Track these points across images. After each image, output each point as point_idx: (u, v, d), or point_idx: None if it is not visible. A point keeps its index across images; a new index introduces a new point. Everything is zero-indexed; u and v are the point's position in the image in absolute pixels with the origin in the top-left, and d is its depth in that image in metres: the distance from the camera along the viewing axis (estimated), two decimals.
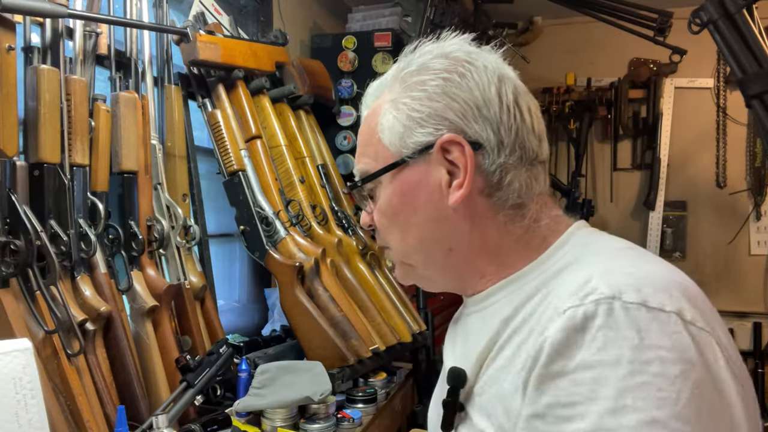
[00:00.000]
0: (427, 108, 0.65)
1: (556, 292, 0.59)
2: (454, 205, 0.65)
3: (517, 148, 0.65)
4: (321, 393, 1.28)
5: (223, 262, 2.02)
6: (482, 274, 0.69)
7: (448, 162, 0.65)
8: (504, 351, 0.62)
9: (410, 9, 2.30)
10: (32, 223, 1.03)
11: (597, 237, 0.67)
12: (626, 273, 0.56)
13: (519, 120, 0.66)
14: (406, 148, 0.66)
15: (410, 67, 0.69)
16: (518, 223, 0.67)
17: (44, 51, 1.16)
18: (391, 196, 0.69)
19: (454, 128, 0.65)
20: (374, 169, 0.69)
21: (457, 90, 0.65)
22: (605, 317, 0.52)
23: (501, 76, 0.67)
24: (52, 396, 0.99)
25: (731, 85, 3.22)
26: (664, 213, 3.36)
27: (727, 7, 1.72)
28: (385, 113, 0.68)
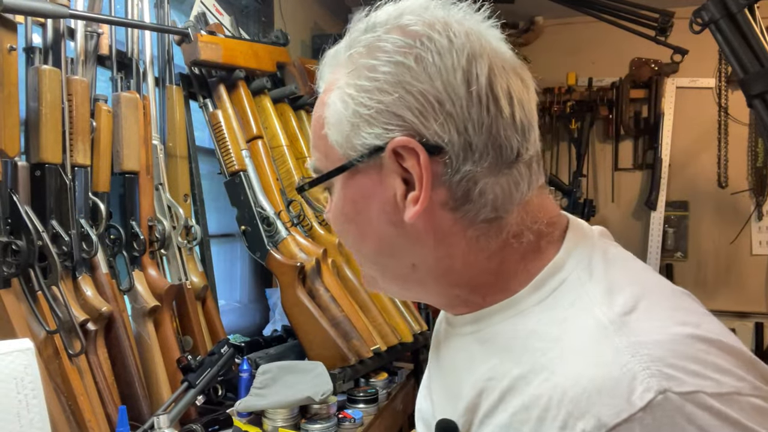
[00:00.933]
0: (376, 102, 0.52)
1: (563, 358, 0.48)
2: (410, 220, 0.53)
3: (490, 150, 0.52)
4: (322, 393, 1.28)
5: (224, 263, 2.02)
6: (454, 294, 0.58)
7: (402, 169, 0.52)
8: (497, 414, 0.52)
9: None
10: (34, 223, 1.03)
11: (597, 257, 0.55)
12: (654, 339, 0.45)
13: (494, 112, 0.52)
14: (353, 150, 0.54)
15: (358, 46, 0.55)
16: (493, 240, 0.54)
17: (46, 51, 1.16)
18: (343, 202, 0.57)
19: (408, 129, 0.51)
20: (325, 168, 0.57)
21: (412, 79, 0.51)
22: (671, 427, 0.42)
23: (472, 53, 0.52)
24: (53, 396, 0.99)
25: (733, 84, 3.21)
26: (666, 213, 3.35)
27: (728, 6, 1.72)
28: (331, 104, 0.55)
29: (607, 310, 0.49)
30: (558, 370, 0.48)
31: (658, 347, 0.44)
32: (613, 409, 0.43)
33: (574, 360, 0.47)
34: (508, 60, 0.55)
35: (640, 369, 0.43)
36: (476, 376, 0.55)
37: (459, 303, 0.59)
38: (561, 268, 0.54)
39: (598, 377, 0.45)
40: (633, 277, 0.53)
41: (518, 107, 0.53)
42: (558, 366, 0.48)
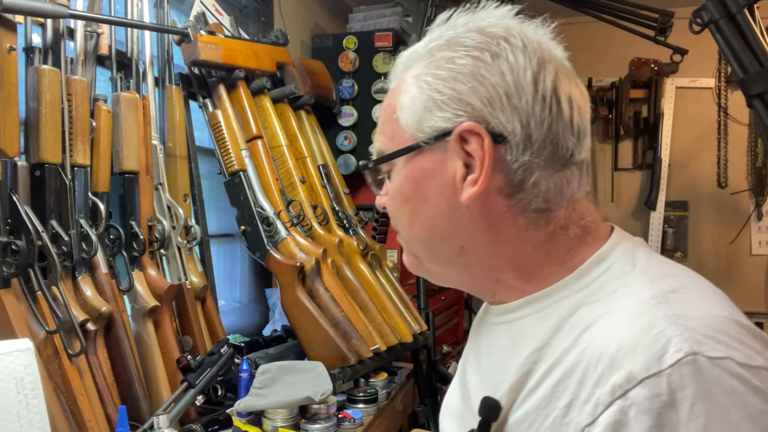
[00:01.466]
0: (450, 90, 0.57)
1: (603, 328, 0.52)
2: (466, 202, 0.57)
3: (548, 145, 0.57)
4: (322, 393, 1.28)
5: (224, 263, 2.02)
6: (498, 279, 0.62)
7: (465, 153, 0.57)
8: (540, 388, 0.56)
9: (411, 9, 2.30)
10: (33, 223, 1.03)
11: (641, 254, 0.60)
12: (698, 315, 0.49)
13: (555, 112, 0.57)
14: (422, 132, 0.59)
15: (439, 41, 0.61)
16: (542, 230, 0.59)
17: (45, 51, 1.16)
18: (403, 181, 0.62)
19: (476, 116, 0.56)
20: (389, 150, 0.62)
21: (486, 72, 0.57)
22: (697, 384, 0.45)
23: (542, 59, 0.58)
24: (53, 396, 0.99)
25: (732, 84, 3.21)
26: (666, 213, 3.36)
27: (728, 6, 1.72)
28: (407, 90, 0.61)
29: (649, 289, 0.53)
30: (598, 338, 0.52)
31: (696, 321, 0.48)
32: (644, 364, 0.46)
33: (613, 327, 0.51)
34: (571, 72, 0.61)
35: (675, 334, 0.47)
36: (521, 358, 0.58)
37: (501, 289, 0.63)
38: (605, 258, 0.58)
39: (633, 337, 0.49)
40: (675, 271, 0.57)
41: (576, 112, 0.59)
42: (598, 335, 0.52)
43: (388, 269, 1.86)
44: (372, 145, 0.67)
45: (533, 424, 0.55)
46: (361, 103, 2.17)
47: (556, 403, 0.53)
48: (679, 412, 0.44)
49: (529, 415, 0.56)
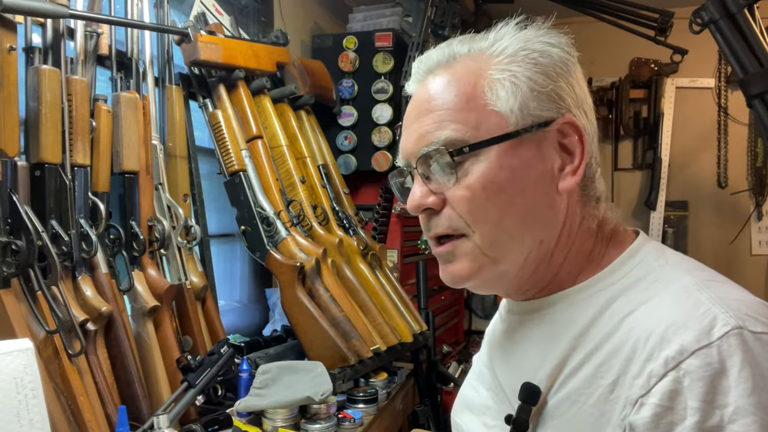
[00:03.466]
0: (550, 84, 0.61)
1: (649, 311, 0.55)
2: (564, 190, 0.61)
3: (595, 148, 0.65)
4: (322, 393, 1.28)
5: (224, 262, 2.02)
6: (556, 273, 0.64)
7: (559, 145, 0.62)
8: (581, 371, 0.58)
9: (411, 9, 2.30)
10: (33, 223, 1.03)
11: (669, 250, 0.64)
12: (736, 299, 0.54)
13: (595, 124, 0.66)
14: (524, 120, 0.60)
15: (512, 43, 0.63)
16: (595, 219, 0.65)
17: (45, 51, 1.16)
18: (499, 170, 0.59)
19: (568, 111, 0.62)
20: (475, 139, 0.60)
21: (571, 78, 0.63)
22: (744, 353, 0.49)
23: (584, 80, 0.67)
24: (53, 396, 0.99)
25: (732, 84, 3.21)
26: (666, 213, 3.35)
27: (728, 6, 1.72)
28: (500, 80, 0.61)
29: (689, 277, 0.57)
30: (644, 319, 0.55)
31: (736, 302, 0.53)
32: (695, 338, 0.50)
33: (660, 309, 0.55)
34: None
35: (721, 312, 0.52)
36: (559, 346, 0.61)
37: (552, 284, 0.65)
38: (635, 254, 0.62)
39: (681, 315, 0.53)
40: (702, 265, 0.62)
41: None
42: (644, 318, 0.55)
43: (388, 269, 1.86)
44: (433, 134, 0.61)
45: (575, 404, 0.57)
46: (361, 103, 2.17)
47: (600, 382, 0.55)
48: (729, 377, 0.49)
49: (571, 395, 0.58)
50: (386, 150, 2.13)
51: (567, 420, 0.58)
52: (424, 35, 1.99)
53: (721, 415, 0.48)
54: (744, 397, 0.48)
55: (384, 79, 2.14)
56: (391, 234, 2.19)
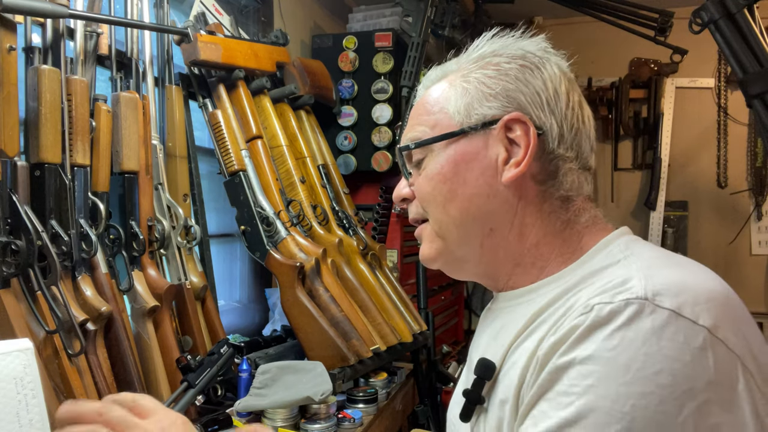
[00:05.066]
0: (499, 86, 0.66)
1: (591, 286, 0.59)
2: (506, 182, 0.65)
3: (575, 147, 0.67)
4: (322, 393, 1.28)
5: (223, 262, 2.02)
6: (518, 263, 0.68)
7: (507, 140, 0.66)
8: (527, 341, 0.62)
9: (411, 9, 2.30)
10: (33, 223, 1.03)
11: (644, 244, 0.67)
12: (670, 279, 0.55)
13: (580, 122, 0.68)
14: (469, 119, 0.67)
15: (482, 50, 0.70)
16: (561, 216, 0.67)
17: (45, 51, 1.16)
18: (444, 163, 0.68)
19: (520, 110, 0.66)
20: (429, 137, 0.70)
21: (531, 77, 0.66)
22: (629, 317, 0.51)
23: (571, 80, 0.69)
24: (53, 396, 0.99)
25: (732, 84, 3.21)
26: (665, 213, 3.36)
27: (727, 6, 1.72)
28: (454, 86, 0.69)
29: (639, 262, 0.60)
30: (583, 295, 0.59)
31: (666, 281, 0.55)
32: (602, 299, 0.55)
33: (597, 284, 0.59)
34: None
35: (638, 283, 0.54)
36: (517, 328, 0.65)
37: (519, 274, 0.69)
38: (606, 246, 0.65)
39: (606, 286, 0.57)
40: (669, 255, 0.64)
41: (592, 129, 0.70)
42: (584, 294, 0.59)
43: (388, 269, 1.86)
44: (406, 135, 0.73)
45: (513, 368, 0.62)
46: (361, 103, 2.17)
47: (535, 347, 0.59)
48: (605, 330, 0.52)
49: (513, 362, 0.62)
50: (386, 150, 2.13)
51: (507, 384, 0.62)
52: (424, 35, 1.99)
53: (575, 355, 0.53)
54: (603, 350, 0.51)
55: (384, 79, 2.14)
56: (391, 234, 2.19)
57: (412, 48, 1.96)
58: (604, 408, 0.49)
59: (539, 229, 0.67)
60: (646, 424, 0.48)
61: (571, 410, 0.51)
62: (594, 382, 0.51)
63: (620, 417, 0.49)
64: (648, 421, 0.48)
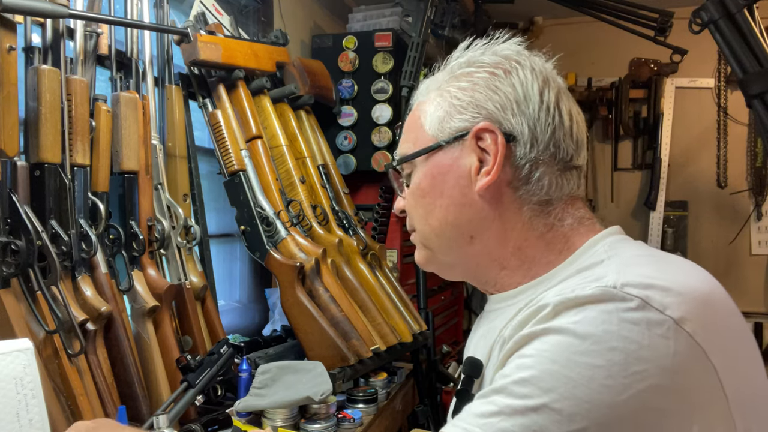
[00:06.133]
0: (469, 97, 0.68)
1: (570, 281, 0.60)
2: (479, 191, 0.66)
3: (551, 147, 0.66)
4: (322, 393, 1.28)
5: (223, 262, 2.02)
6: (503, 266, 0.69)
7: (480, 149, 0.67)
8: (505, 331, 0.63)
9: (411, 9, 2.30)
10: (33, 223, 1.03)
11: (630, 243, 0.66)
12: (644, 274, 0.55)
13: (557, 121, 0.67)
14: (442, 133, 0.69)
15: (460, 59, 0.72)
16: (542, 220, 0.67)
17: (45, 51, 1.16)
18: (422, 177, 0.71)
19: (490, 118, 0.66)
20: (410, 153, 0.72)
21: (499, 84, 0.67)
22: (596, 300, 0.53)
23: (546, 78, 0.69)
24: (53, 396, 0.99)
25: (732, 84, 3.21)
26: (665, 213, 3.36)
27: (727, 6, 1.72)
28: (431, 101, 0.71)
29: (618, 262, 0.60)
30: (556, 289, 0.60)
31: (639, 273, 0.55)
32: (575, 287, 0.55)
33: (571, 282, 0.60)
34: (570, 95, 0.71)
35: (610, 274, 0.55)
36: (501, 325, 0.66)
37: (505, 277, 0.70)
38: (592, 246, 0.65)
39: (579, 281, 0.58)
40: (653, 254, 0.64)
41: (575, 125, 0.69)
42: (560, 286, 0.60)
43: (388, 269, 1.86)
44: (396, 152, 0.77)
45: (494, 357, 0.64)
46: (360, 103, 2.17)
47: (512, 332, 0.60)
48: (571, 309, 0.53)
49: (495, 355, 0.64)
50: (386, 150, 2.13)
51: (488, 378, 0.64)
52: (424, 35, 1.99)
53: (539, 327, 0.54)
54: (564, 322, 0.53)
55: (384, 79, 2.14)
56: (391, 234, 2.19)
57: (412, 48, 1.96)
58: (551, 371, 0.51)
59: (519, 233, 0.68)
60: (588, 392, 0.49)
61: (522, 371, 0.53)
62: (549, 347, 0.53)
63: (565, 381, 0.50)
64: (591, 390, 0.49)
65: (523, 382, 0.52)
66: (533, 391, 0.51)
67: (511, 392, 0.53)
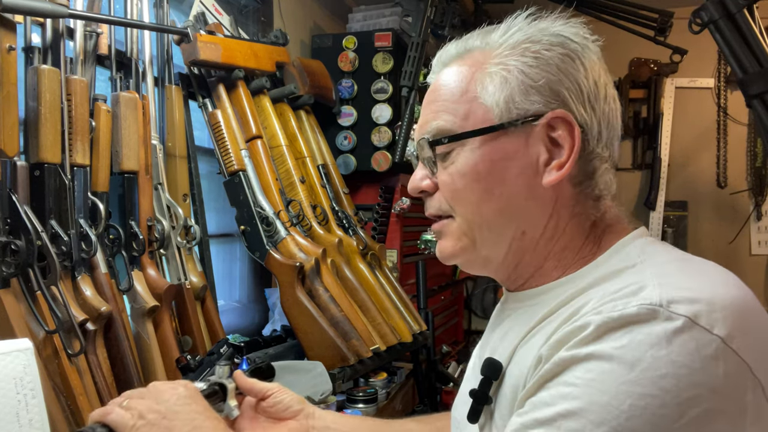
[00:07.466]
0: (543, 78, 0.61)
1: (603, 290, 0.57)
2: (547, 185, 0.61)
3: (609, 145, 0.64)
4: (322, 393, 1.28)
5: (223, 262, 2.02)
6: (540, 265, 0.65)
7: (548, 139, 0.62)
8: (533, 339, 0.60)
9: (410, 9, 2.30)
10: (33, 223, 1.03)
11: (660, 246, 0.63)
12: (685, 286, 0.53)
13: (615, 119, 0.65)
14: (509, 113, 0.62)
15: (518, 35, 0.64)
16: (589, 219, 0.64)
17: (45, 51, 1.16)
18: (479, 160, 0.63)
19: (564, 106, 0.61)
20: (461, 129, 0.64)
21: (572, 69, 0.62)
22: (641, 321, 0.50)
23: (606, 71, 0.65)
24: (52, 396, 0.99)
25: (732, 84, 3.21)
26: (665, 213, 3.36)
27: (727, 6, 1.72)
28: (491, 74, 0.63)
29: (653, 266, 0.57)
30: (595, 296, 0.56)
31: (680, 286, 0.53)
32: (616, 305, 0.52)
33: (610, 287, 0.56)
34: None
35: (652, 289, 0.52)
36: (526, 328, 0.63)
37: (538, 276, 0.66)
38: (624, 247, 0.62)
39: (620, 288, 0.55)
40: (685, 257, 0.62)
41: (620, 123, 0.66)
42: (597, 292, 0.57)
43: (388, 269, 1.86)
44: (430, 123, 0.66)
45: (519, 363, 0.60)
46: (360, 103, 2.17)
47: (541, 342, 0.57)
48: (616, 331, 0.50)
49: (519, 359, 0.61)
50: (386, 150, 2.13)
51: (513, 381, 0.61)
52: (424, 35, 1.99)
53: (581, 351, 0.51)
54: (610, 347, 0.50)
55: (383, 79, 2.14)
56: (391, 234, 2.19)
57: (411, 48, 1.96)
58: (601, 402, 0.49)
59: (568, 231, 0.64)
60: (642, 424, 0.47)
61: (569, 402, 0.50)
62: (596, 376, 0.50)
63: (617, 414, 0.48)
64: (644, 422, 0.47)
65: (572, 415, 0.50)
66: (584, 425, 0.49)
67: (560, 426, 0.50)
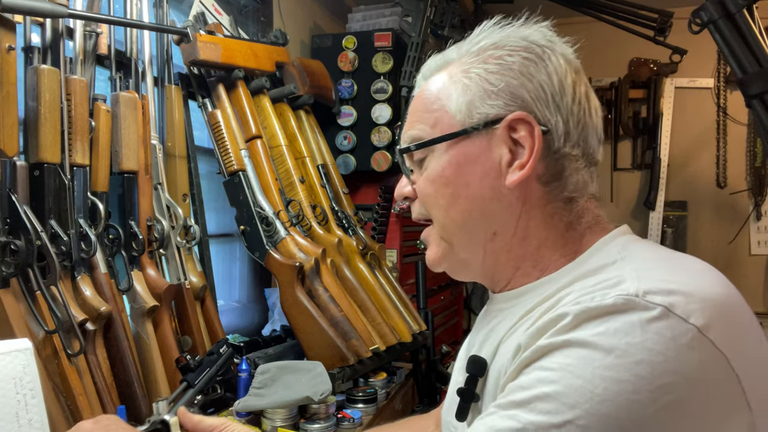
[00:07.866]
0: (502, 82, 0.63)
1: (583, 285, 0.58)
2: (510, 185, 0.63)
3: (581, 143, 0.65)
4: (321, 393, 1.28)
5: (223, 262, 2.02)
6: (518, 266, 0.67)
7: (511, 140, 0.63)
8: (515, 334, 0.61)
9: (410, 9, 2.30)
10: (32, 223, 1.03)
11: (642, 244, 0.65)
12: (664, 279, 0.53)
13: (587, 116, 0.65)
14: (471, 119, 0.64)
15: (484, 42, 0.66)
16: (565, 218, 0.65)
17: (44, 51, 1.16)
18: (446, 165, 0.66)
19: (525, 108, 0.62)
20: (430, 137, 0.67)
21: (535, 71, 0.63)
22: (618, 310, 0.51)
23: (578, 69, 0.66)
24: (52, 396, 0.99)
25: (731, 84, 3.21)
26: (665, 213, 3.36)
27: (727, 6, 1.72)
28: (455, 82, 0.66)
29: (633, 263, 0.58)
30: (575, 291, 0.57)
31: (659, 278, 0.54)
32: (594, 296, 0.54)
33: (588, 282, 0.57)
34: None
35: (630, 281, 0.54)
36: (508, 325, 0.64)
37: (518, 276, 0.67)
38: (604, 246, 0.64)
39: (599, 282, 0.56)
40: (667, 255, 0.63)
41: (599, 121, 0.68)
42: (576, 289, 0.58)
43: (388, 269, 1.86)
44: (406, 133, 0.70)
45: (501, 357, 0.62)
46: (360, 103, 2.17)
47: (521, 336, 0.58)
48: (593, 320, 0.51)
49: (502, 355, 0.62)
50: (385, 150, 2.13)
51: (493, 378, 0.62)
52: (424, 35, 1.99)
53: (559, 338, 0.52)
54: (588, 335, 0.51)
55: (383, 79, 2.14)
56: (391, 234, 2.19)
57: (411, 48, 1.96)
58: (575, 386, 0.50)
59: (542, 231, 0.65)
60: (615, 408, 0.48)
61: (546, 385, 0.51)
62: (573, 362, 0.51)
63: (590, 397, 0.49)
64: (617, 406, 0.48)
65: (547, 397, 0.51)
66: (557, 407, 0.50)
67: (534, 408, 0.51)
